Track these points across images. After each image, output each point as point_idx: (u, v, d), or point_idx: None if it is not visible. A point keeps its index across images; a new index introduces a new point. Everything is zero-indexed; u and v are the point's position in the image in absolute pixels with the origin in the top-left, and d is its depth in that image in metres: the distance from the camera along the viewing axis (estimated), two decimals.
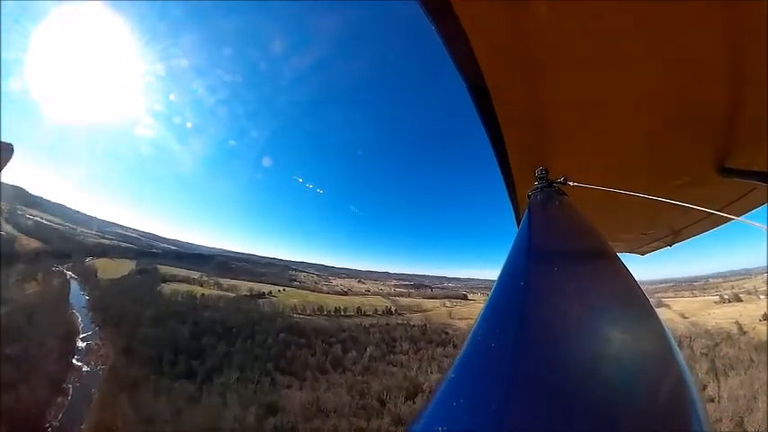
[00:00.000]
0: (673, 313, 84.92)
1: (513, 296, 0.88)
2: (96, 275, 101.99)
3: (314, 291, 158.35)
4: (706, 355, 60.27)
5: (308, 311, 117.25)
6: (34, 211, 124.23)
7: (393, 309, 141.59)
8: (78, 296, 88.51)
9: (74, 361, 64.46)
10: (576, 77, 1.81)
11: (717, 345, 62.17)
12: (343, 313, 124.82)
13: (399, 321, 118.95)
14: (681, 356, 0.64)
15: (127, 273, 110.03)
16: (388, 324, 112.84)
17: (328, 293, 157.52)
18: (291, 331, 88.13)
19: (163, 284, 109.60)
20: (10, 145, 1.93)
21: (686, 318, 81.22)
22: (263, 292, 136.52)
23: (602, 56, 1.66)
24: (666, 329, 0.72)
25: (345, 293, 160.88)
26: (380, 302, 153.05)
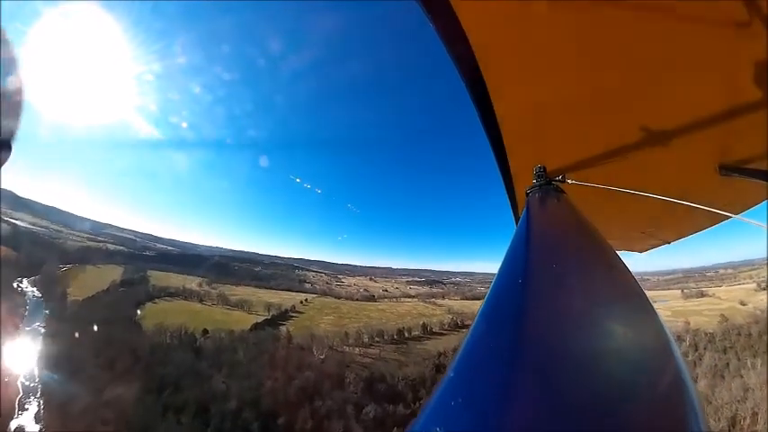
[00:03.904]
0: (727, 302, 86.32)
1: (511, 294, 0.86)
2: (66, 293, 71.97)
3: (337, 297, 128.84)
4: None
5: (366, 339, 79.14)
6: (19, 214, 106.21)
7: (458, 320, 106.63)
8: (30, 334, 55.77)
9: None
10: (574, 76, 1.82)
11: None
12: (408, 335, 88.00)
13: None
14: (679, 354, 0.63)
15: (107, 286, 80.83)
16: None
17: (358, 300, 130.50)
18: (376, 395, 49.67)
19: (150, 304, 78.32)
20: (9, 142, 1.76)
21: (745, 305, 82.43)
22: (286, 309, 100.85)
23: (601, 55, 1.67)
24: (665, 327, 0.72)
25: (373, 298, 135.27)
26: (426, 310, 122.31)
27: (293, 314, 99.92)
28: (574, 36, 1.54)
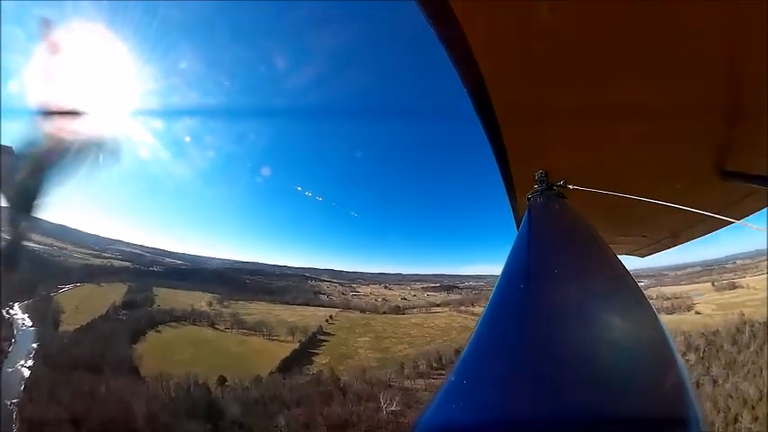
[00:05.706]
0: (763, 291, 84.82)
1: (512, 299, 0.87)
2: (59, 321, 61.24)
3: (361, 311, 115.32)
4: None
5: (423, 368, 63.28)
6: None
7: None
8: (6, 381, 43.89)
9: None
10: (575, 79, 1.82)
11: None
12: None
13: None
14: (679, 356, 0.63)
15: (105, 311, 69.89)
16: None
17: (385, 313, 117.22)
18: None
19: (153, 333, 66.55)
20: (10, 148, 1.79)
21: None
22: (313, 332, 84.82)
23: (602, 58, 1.66)
24: (666, 332, 0.72)
25: (399, 309, 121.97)
26: (466, 321, 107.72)
27: (322, 338, 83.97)
28: (575, 38, 1.52)
